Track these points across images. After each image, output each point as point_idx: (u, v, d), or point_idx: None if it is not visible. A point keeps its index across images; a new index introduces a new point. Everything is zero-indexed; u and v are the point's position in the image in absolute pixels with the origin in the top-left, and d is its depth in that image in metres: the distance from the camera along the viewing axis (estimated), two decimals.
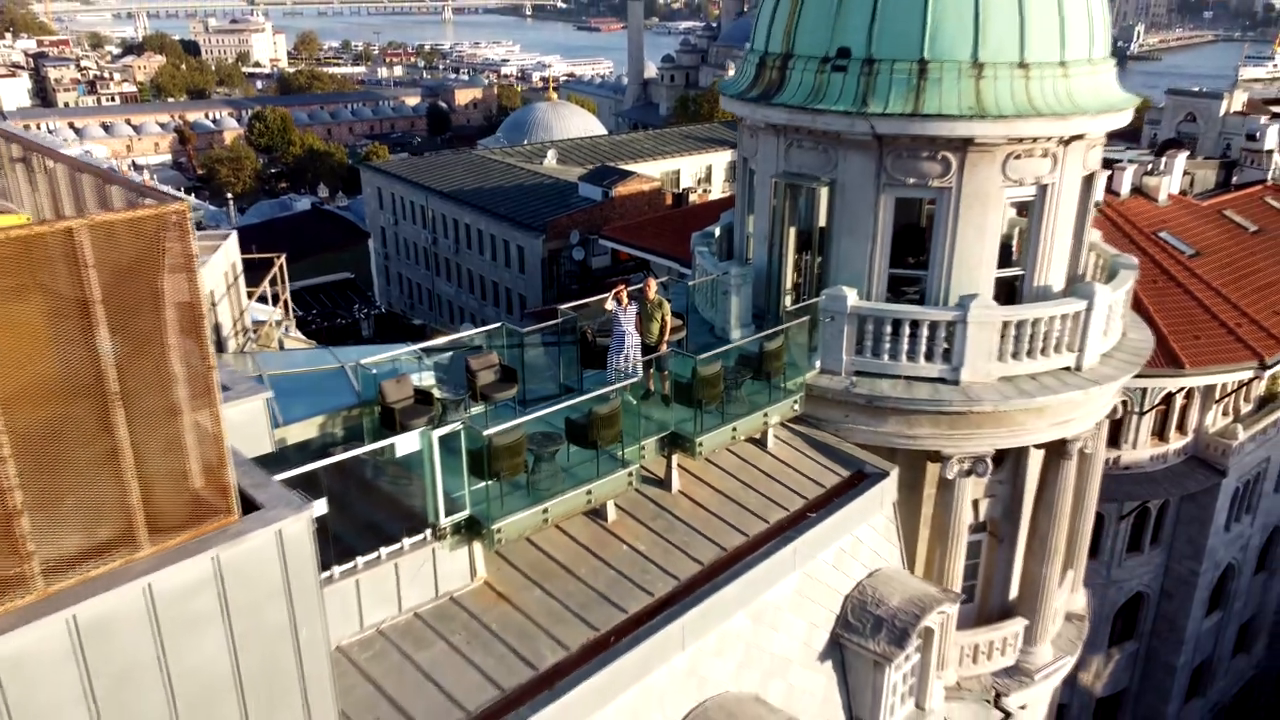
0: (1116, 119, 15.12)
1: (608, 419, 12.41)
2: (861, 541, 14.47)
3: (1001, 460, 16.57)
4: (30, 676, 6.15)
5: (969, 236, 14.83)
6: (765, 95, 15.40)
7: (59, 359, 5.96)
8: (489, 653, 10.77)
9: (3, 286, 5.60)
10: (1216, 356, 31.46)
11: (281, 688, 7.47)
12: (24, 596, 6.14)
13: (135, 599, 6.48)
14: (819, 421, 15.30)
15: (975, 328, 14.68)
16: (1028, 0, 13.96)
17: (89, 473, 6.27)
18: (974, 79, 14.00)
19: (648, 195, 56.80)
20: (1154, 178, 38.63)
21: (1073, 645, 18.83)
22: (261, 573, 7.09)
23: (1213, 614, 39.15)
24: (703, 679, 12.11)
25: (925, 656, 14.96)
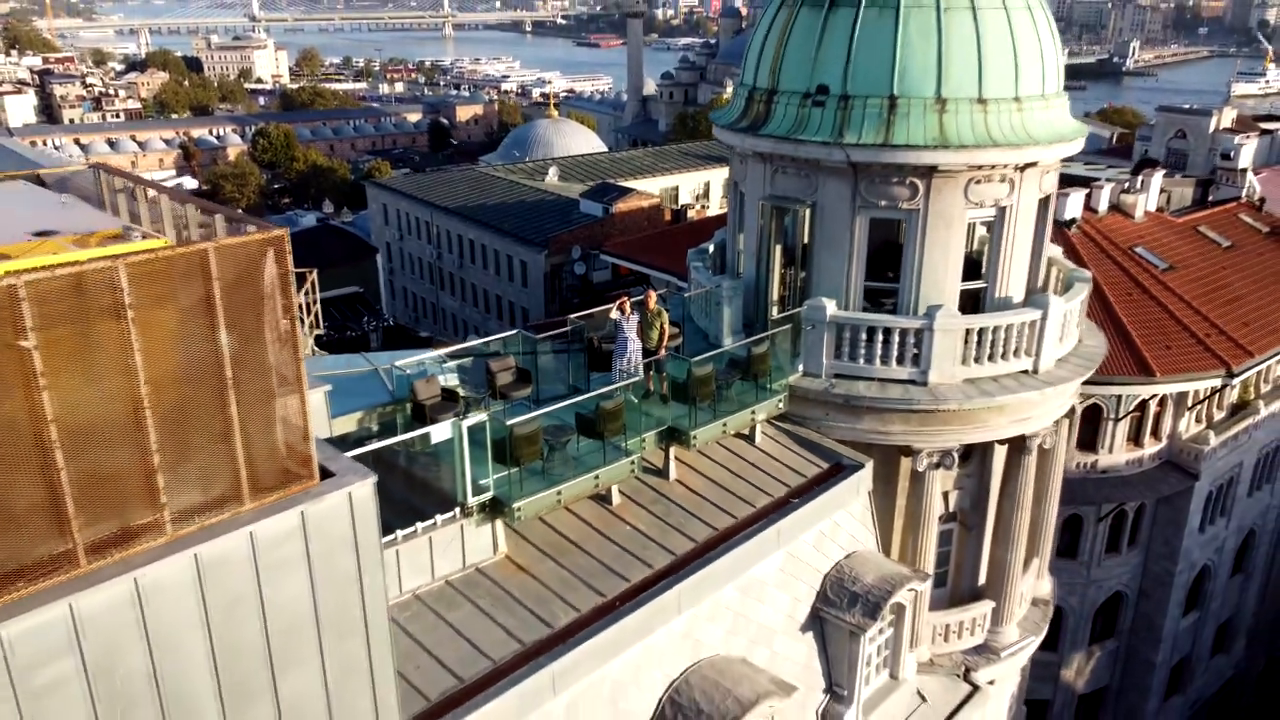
0: (1068, 148, 16.88)
1: (613, 414, 14.14)
2: (839, 526, 16.17)
3: (968, 455, 18.29)
4: (162, 602, 7.82)
5: (935, 253, 16.57)
6: (753, 126, 17.18)
7: (189, 353, 7.66)
8: (511, 614, 12.45)
9: (151, 295, 7.30)
10: (1186, 365, 33.09)
11: (349, 624, 9.14)
12: (158, 538, 7.82)
13: (242, 543, 8.17)
14: (801, 419, 17.03)
15: (941, 335, 16.42)
16: (985, 43, 15.74)
17: (207, 442, 7.96)
18: (938, 113, 15.76)
19: (647, 211, 58.39)
20: (1131, 195, 40.30)
21: (1038, 627, 20.47)
22: (335, 527, 8.77)
23: (1190, 613, 40.54)
24: (697, 642, 13.79)
25: (898, 631, 16.63)
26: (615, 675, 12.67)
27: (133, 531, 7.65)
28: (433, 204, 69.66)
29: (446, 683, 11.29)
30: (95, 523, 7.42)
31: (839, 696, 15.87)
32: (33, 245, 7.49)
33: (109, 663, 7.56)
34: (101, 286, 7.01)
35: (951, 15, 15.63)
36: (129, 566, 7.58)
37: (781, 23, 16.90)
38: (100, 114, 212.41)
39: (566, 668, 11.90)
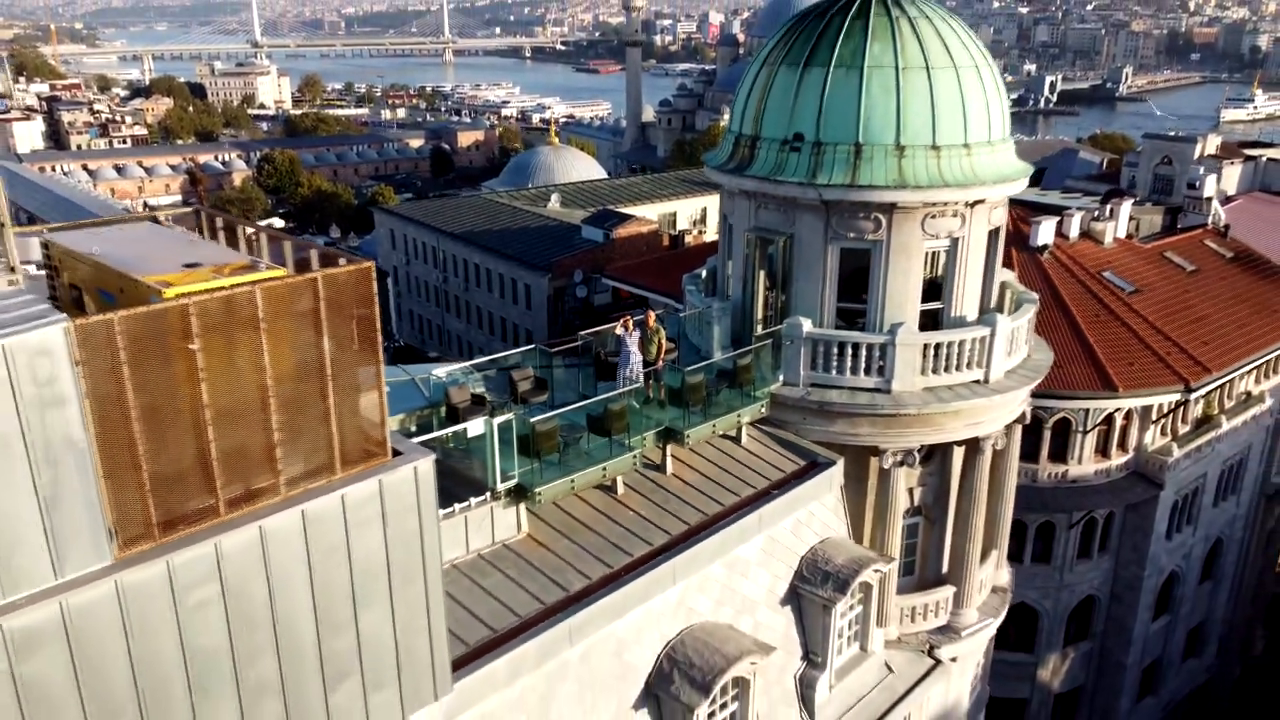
0: (1012, 186, 19.44)
1: (618, 415, 16.65)
2: (814, 515, 18.62)
3: (930, 456, 20.76)
4: (279, 546, 10.25)
5: (898, 278, 19.10)
6: (739, 168, 19.75)
7: (301, 356, 10.13)
8: (533, 580, 14.89)
9: (276, 311, 9.77)
10: (1147, 381, 35.56)
11: (412, 573, 11.56)
12: (274, 497, 10.27)
13: (335, 503, 10.61)
14: (781, 422, 19.52)
15: (902, 349, 18.94)
16: (937, 98, 18.32)
17: (312, 424, 10.41)
18: (897, 158, 18.31)
19: (646, 237, 60.77)
20: (1100, 223, 42.85)
21: (996, 611, 22.88)
22: (404, 493, 11.21)
23: (1160, 618, 42.71)
24: (689, 609, 16.22)
25: (866, 607, 19.05)
26: (620, 633, 15.11)
27: (257, 491, 10.10)
28: (439, 229, 72.10)
29: (481, 633, 13.71)
30: (232, 483, 9.87)
31: (814, 663, 18.27)
32: (186, 274, 9.91)
33: (240, 590, 9.99)
34: (243, 305, 9.49)
35: (908, 74, 18.22)
36: (256, 517, 10.03)
37: (764, 80, 19.52)
38: (107, 140, 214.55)
39: (580, 623, 14.34)
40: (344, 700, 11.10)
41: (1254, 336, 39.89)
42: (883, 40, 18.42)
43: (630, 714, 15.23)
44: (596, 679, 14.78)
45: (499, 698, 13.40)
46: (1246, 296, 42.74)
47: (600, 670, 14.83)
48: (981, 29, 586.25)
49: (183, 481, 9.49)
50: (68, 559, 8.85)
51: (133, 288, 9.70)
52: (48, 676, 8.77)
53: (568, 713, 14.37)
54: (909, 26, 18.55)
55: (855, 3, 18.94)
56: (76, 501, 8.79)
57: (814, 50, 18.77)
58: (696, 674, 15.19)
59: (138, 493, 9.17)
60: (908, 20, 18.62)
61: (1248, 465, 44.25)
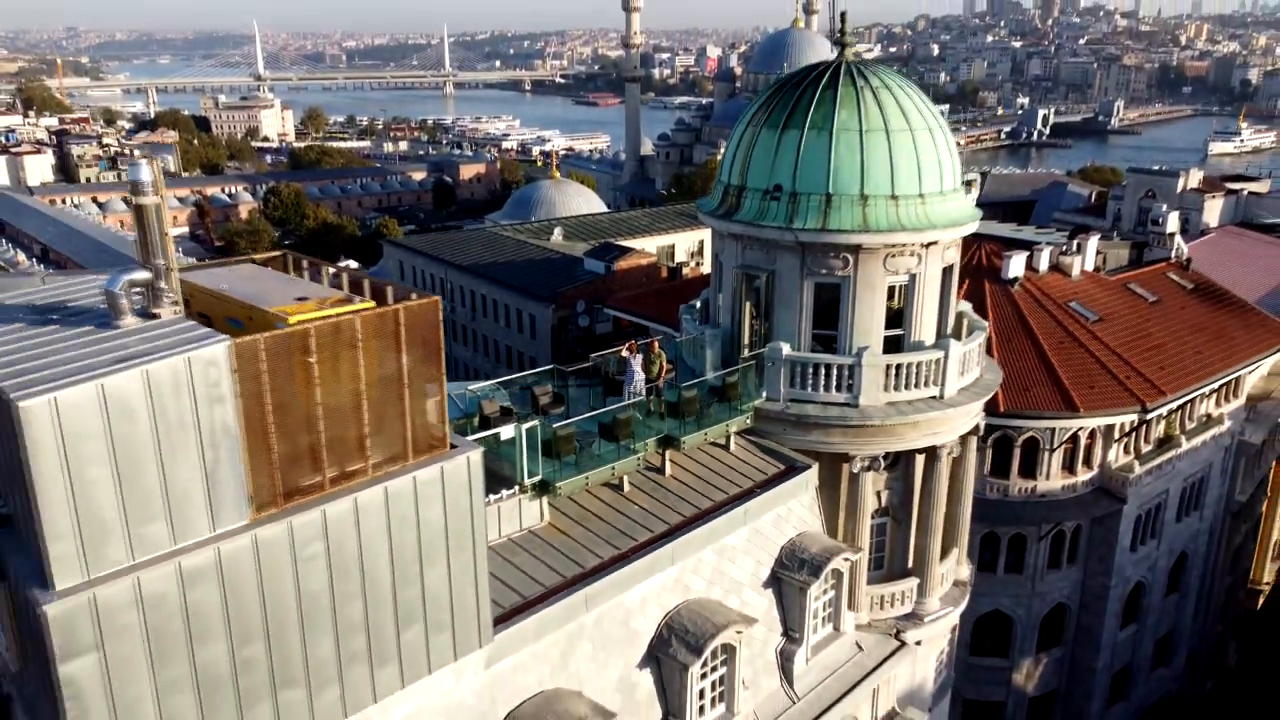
0: (961, 230, 22.65)
1: (624, 424, 19.75)
2: (792, 512, 21.70)
3: (895, 462, 23.84)
4: (367, 515, 13.30)
5: (864, 308, 22.26)
6: (728, 214, 22.96)
7: (385, 368, 13.23)
8: (554, 559, 17.94)
9: (369, 334, 12.88)
10: (1106, 402, 38.64)
11: (464, 541, 14.60)
12: (364, 477, 13.34)
13: (409, 483, 13.67)
14: (764, 431, 22.62)
15: (868, 369, 22.09)
16: (896, 156, 21.54)
17: (391, 421, 13.50)
18: (861, 206, 21.51)
19: (645, 269, 63.79)
20: (1068, 257, 46.03)
21: (957, 601, 25.89)
22: (460, 477, 14.27)
23: (1128, 626, 45.47)
24: (685, 587, 19.26)
25: (838, 593, 22.07)
26: (627, 604, 18.16)
27: (352, 472, 13.18)
28: (447, 261, 75.19)
29: (514, 599, 16.75)
30: (334, 465, 12.96)
31: (793, 639, 21.26)
32: (299, 306, 12.96)
33: (339, 547, 13.06)
34: (347, 329, 12.62)
35: (870, 136, 21.47)
36: (351, 492, 13.10)
37: (748, 139, 22.78)
38: (116, 173, 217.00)
39: (593, 593, 17.39)
40: (412, 639, 14.14)
41: (1208, 362, 42.99)
42: (848, 107, 21.69)
43: (635, 672, 18.25)
44: (608, 641, 17.83)
45: (528, 650, 16.45)
46: (1204, 325, 45.87)
47: (611, 634, 17.87)
48: (975, 63, 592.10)
49: (300, 462, 12.58)
50: (220, 517, 11.92)
51: (260, 316, 12.83)
52: (205, 603, 11.81)
53: (583, 668, 17.40)
54: (871, 95, 21.82)
55: (825, 75, 22.24)
56: (228, 474, 11.87)
57: (791, 115, 22.04)
58: (691, 639, 18.23)
59: (269, 470, 12.26)
60: (870, 90, 21.89)
61: (1209, 483, 47.05)
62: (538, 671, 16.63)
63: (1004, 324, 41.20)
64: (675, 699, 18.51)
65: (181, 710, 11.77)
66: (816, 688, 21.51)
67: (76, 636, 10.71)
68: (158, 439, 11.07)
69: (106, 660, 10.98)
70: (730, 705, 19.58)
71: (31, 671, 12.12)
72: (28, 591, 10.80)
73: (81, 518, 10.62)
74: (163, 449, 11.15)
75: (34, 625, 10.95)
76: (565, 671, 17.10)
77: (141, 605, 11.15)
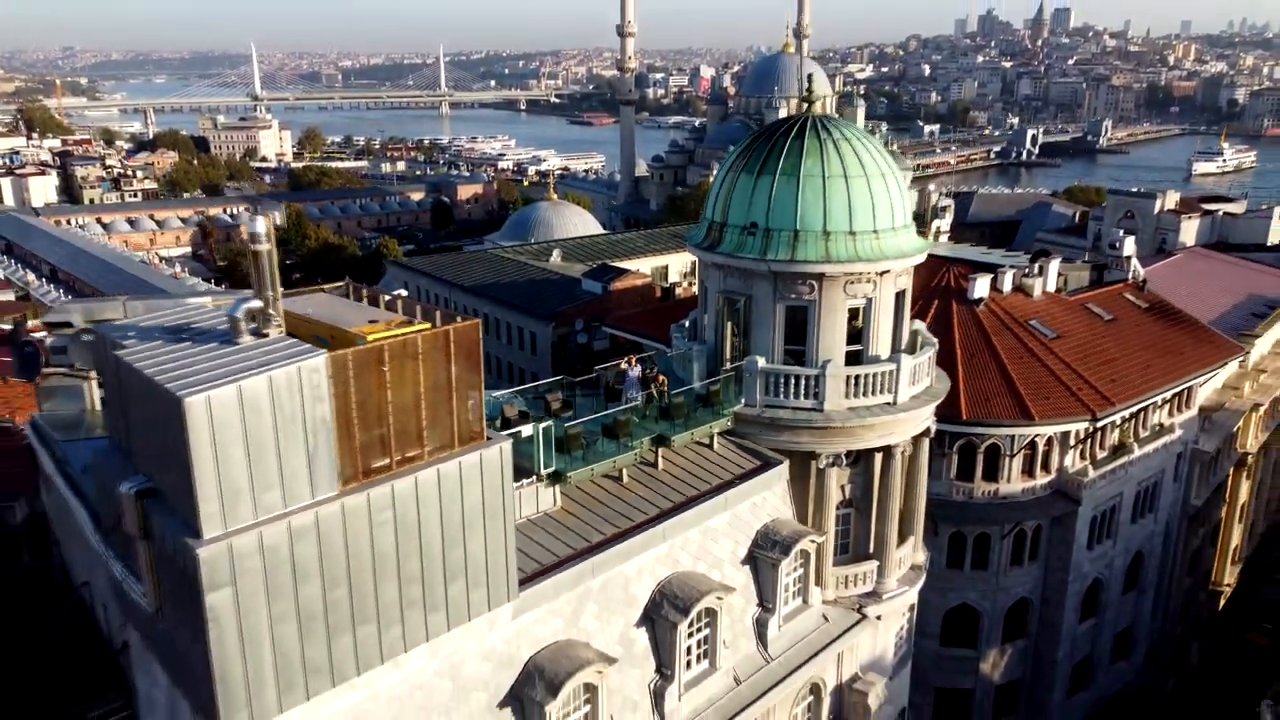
0: (910, 260, 26.52)
1: (623, 425, 23.52)
2: (767, 501, 25.45)
3: (857, 460, 27.60)
4: (425, 492, 16.99)
5: (827, 327, 26.07)
6: (711, 246, 26.81)
7: (439, 375, 16.95)
8: (565, 536, 21.66)
9: (427, 349, 16.60)
10: (1059, 411, 42.42)
11: (497, 514, 18.30)
12: (421, 461, 17.04)
13: (455, 467, 17.39)
14: (742, 433, 26.42)
15: (831, 379, 25.90)
16: (853, 198, 25.41)
17: (441, 417, 17.22)
18: (824, 241, 25.35)
19: (640, 289, 67.30)
20: (1030, 279, 49.83)
21: (913, 582, 29.62)
22: (494, 463, 17.99)
23: (1087, 620, 48.98)
24: (675, 560, 22.99)
25: (806, 571, 25.79)
26: (627, 573, 21.89)
27: (412, 456, 16.89)
28: (451, 282, 78.54)
29: (533, 565, 20.46)
30: (399, 451, 16.67)
31: (766, 609, 24.98)
32: (372, 327, 16.61)
33: (403, 515, 16.75)
34: (411, 345, 16.35)
35: (831, 182, 25.36)
36: (411, 472, 16.81)
37: (729, 182, 26.69)
38: (119, 194, 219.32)
39: (598, 563, 21.11)
40: (456, 591, 17.83)
41: (1155, 376, 46.86)
42: (813, 157, 25.58)
43: (634, 629, 21.97)
44: (610, 602, 21.55)
45: (546, 607, 20.17)
46: (1155, 342, 49.77)
47: (613, 597, 21.59)
48: (966, 83, 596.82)
49: (374, 448, 16.29)
50: (317, 488, 15.62)
51: (342, 335, 16.55)
52: (305, 553, 15.50)
53: (591, 624, 21.11)
54: (833, 146, 25.72)
55: (794, 128, 26.13)
56: (324, 456, 15.57)
57: (765, 162, 25.94)
58: (679, 602, 21.95)
59: (353, 453, 15.97)
60: (832, 142, 25.79)
61: (1163, 488, 50.75)
62: (554, 625, 20.34)
63: (969, 341, 44.96)
64: (666, 653, 22.23)
65: (287, 636, 15.43)
66: (787, 651, 25.23)
67: (218, 574, 14.38)
68: (276, 428, 14.79)
69: (238, 594, 14.66)
70: (713, 661, 23.31)
71: (170, 608, 15.78)
72: (180, 541, 14.47)
73: (223, 485, 14.32)
74: (279, 435, 14.86)
75: (182, 567, 14.62)
76: (576, 626, 20.80)
77: (262, 552, 14.84)
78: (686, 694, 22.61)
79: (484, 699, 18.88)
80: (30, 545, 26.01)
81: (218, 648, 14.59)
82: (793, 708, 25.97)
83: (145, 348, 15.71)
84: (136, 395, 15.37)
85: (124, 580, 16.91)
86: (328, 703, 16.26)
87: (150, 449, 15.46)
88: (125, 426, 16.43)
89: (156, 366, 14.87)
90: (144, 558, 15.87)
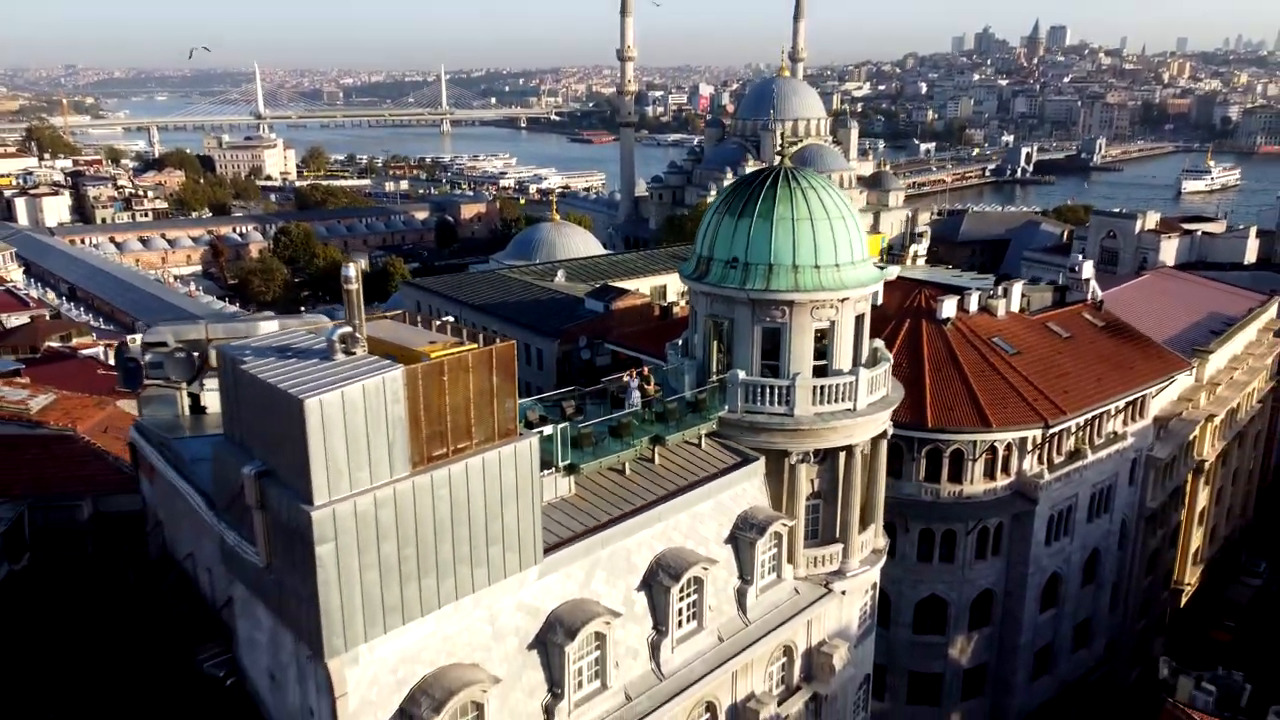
0: (867, 289, 31.52)
1: (626, 427, 28.50)
2: (746, 491, 30.37)
3: (824, 458, 32.52)
4: (472, 474, 21.87)
5: (797, 345, 31.04)
6: (700, 277, 31.83)
7: (483, 384, 21.85)
8: (578, 516, 26.57)
9: (475, 364, 21.52)
10: (1014, 419, 47.28)
11: (527, 492, 23.18)
12: (470, 451, 21.93)
13: (495, 456, 22.29)
14: (725, 434, 31.41)
15: (800, 389, 30.86)
16: (818, 237, 30.41)
17: (486, 416, 22.12)
18: (794, 273, 30.34)
19: (639, 308, 71.75)
20: (995, 300, 54.74)
21: (873, 563, 34.50)
22: (526, 454, 22.90)
23: (1048, 610, 53.51)
24: (668, 538, 27.91)
25: (779, 550, 30.67)
26: (629, 546, 26.81)
27: (463, 447, 21.77)
28: (461, 301, 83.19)
29: (553, 538, 25.35)
30: (454, 442, 21.55)
31: (746, 581, 29.86)
32: (432, 347, 21.45)
33: (458, 492, 21.61)
34: (463, 361, 21.27)
35: (799, 224, 30.39)
36: (462, 459, 21.66)
37: (715, 223, 31.74)
38: (130, 214, 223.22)
39: (606, 537, 26.05)
40: (495, 554, 22.70)
41: (1106, 388, 51.76)
42: (785, 203, 30.61)
43: (634, 593, 26.87)
44: (616, 570, 26.46)
45: (563, 571, 25.08)
46: (1108, 357, 54.68)
47: (618, 565, 26.50)
48: (962, 100, 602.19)
49: (436, 439, 21.17)
50: (394, 469, 20.50)
51: (409, 353, 21.45)
52: (386, 520, 20.37)
53: (600, 587, 25.99)
54: (801, 194, 30.76)
55: (769, 178, 31.16)
56: (399, 445, 20.46)
57: (745, 207, 30.99)
58: (672, 570, 26.87)
59: (420, 443, 20.87)
60: (800, 190, 30.83)
61: (1117, 490, 55.45)
62: (570, 586, 25.25)
63: (936, 356, 49.90)
64: (662, 613, 27.14)
65: (370, 582, 20.30)
66: (763, 616, 30.12)
67: (325, 531, 19.26)
68: (366, 423, 19.70)
69: (338, 547, 19.53)
70: (700, 621, 28.21)
71: (280, 561, 20.64)
72: (295, 507, 19.36)
73: (329, 464, 19.23)
74: (368, 429, 19.77)
75: (295, 527, 19.51)
76: (588, 588, 25.71)
77: (355, 516, 19.73)
78: (678, 647, 27.49)
79: (516, 642, 23.77)
80: (94, 539, 30.32)
81: (323, 588, 19.48)
82: (768, 665, 30.84)
83: (263, 363, 20.63)
84: (257, 399, 20.32)
85: (236, 545, 21.78)
86: (398, 636, 21.13)
87: (268, 440, 20.36)
88: (243, 424, 21.36)
89: (276, 377, 19.80)
90: (260, 524, 20.74)
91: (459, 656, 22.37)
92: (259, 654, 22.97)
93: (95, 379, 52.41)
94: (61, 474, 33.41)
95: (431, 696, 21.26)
